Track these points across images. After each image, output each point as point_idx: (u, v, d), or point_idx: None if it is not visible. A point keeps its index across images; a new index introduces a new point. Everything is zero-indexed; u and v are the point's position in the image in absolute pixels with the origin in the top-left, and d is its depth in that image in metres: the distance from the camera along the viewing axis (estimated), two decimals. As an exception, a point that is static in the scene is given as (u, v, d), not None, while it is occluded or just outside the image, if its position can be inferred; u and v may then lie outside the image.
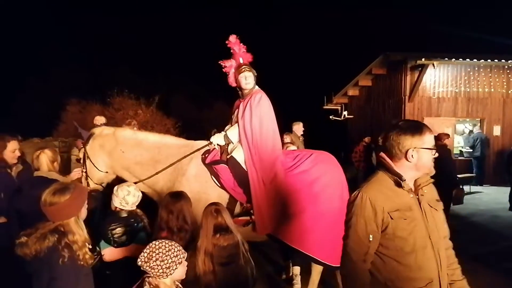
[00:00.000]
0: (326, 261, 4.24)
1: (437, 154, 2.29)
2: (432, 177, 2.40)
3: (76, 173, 4.61)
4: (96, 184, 4.49)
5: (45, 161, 4.00)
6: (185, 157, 4.39)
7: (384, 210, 2.20)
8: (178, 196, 3.44)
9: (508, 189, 9.90)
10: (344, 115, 18.81)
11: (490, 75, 13.78)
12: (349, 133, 19.25)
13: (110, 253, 3.50)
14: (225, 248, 2.96)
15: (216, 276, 2.89)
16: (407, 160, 2.24)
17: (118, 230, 3.51)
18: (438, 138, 8.46)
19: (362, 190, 2.28)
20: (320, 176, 4.29)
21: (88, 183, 4.45)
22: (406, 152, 2.23)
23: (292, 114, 10.96)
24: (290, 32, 38.60)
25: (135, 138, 4.51)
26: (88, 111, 16.14)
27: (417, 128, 2.26)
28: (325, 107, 19.87)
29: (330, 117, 19.70)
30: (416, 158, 2.23)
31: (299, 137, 8.87)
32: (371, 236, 2.22)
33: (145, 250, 2.51)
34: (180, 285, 2.66)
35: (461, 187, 9.14)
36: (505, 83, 13.81)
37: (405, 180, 2.25)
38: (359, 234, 2.23)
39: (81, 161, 4.55)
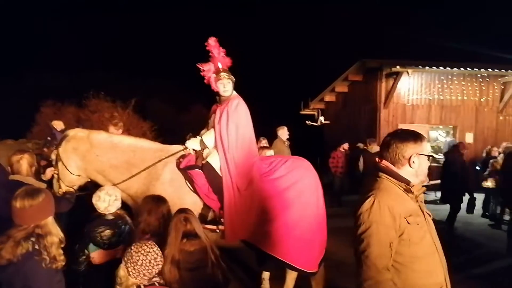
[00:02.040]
0: (301, 266, 4.26)
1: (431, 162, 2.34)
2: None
3: (50, 171, 4.55)
4: (68, 186, 4.42)
5: (26, 166, 3.95)
6: (159, 161, 4.35)
7: (401, 215, 2.20)
8: (161, 200, 3.47)
9: (480, 195, 10.05)
10: (321, 120, 18.96)
11: (463, 83, 14.12)
12: (325, 138, 19.42)
13: (99, 255, 3.52)
14: (192, 253, 2.93)
15: (183, 282, 2.85)
16: (410, 166, 2.31)
17: (107, 232, 3.53)
18: (459, 147, 8.71)
19: (376, 197, 2.22)
20: (296, 182, 4.32)
21: (59, 185, 4.38)
22: (409, 158, 2.30)
23: (269, 119, 11.01)
24: (268, 35, 38.81)
25: (110, 141, 4.45)
26: (63, 113, 15.91)
27: (416, 135, 2.35)
28: (301, 112, 20.02)
29: (307, 122, 19.83)
30: (417, 164, 2.31)
31: (284, 141, 8.80)
32: (391, 243, 2.18)
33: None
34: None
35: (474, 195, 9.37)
36: (477, 91, 14.18)
37: (413, 185, 2.32)
38: (382, 242, 2.17)
39: (53, 162, 4.49)
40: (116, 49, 32.75)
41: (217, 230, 4.24)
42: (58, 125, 6.72)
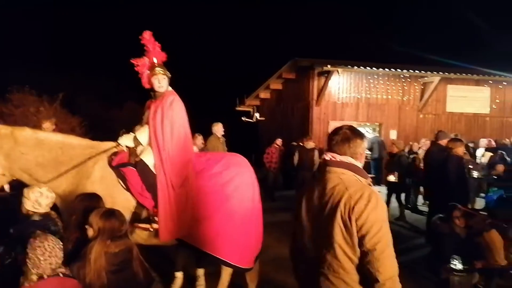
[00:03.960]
0: (236, 263, 4.32)
1: None
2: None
3: None
4: None
5: None
6: (89, 158, 4.21)
7: None
8: (97, 197, 3.44)
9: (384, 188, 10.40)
10: (256, 117, 19.18)
11: (387, 83, 14.90)
12: (260, 134, 19.66)
13: None
14: (116, 254, 2.84)
15: (106, 284, 2.76)
16: (361, 161, 2.42)
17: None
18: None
19: (375, 196, 2.20)
20: (232, 179, 4.36)
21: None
22: (362, 154, 2.42)
23: (204, 115, 10.96)
24: (204, 31, 38.57)
25: (35, 137, 4.22)
26: (-17, 108, 14.82)
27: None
28: (237, 108, 20.13)
29: (242, 118, 19.97)
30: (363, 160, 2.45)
31: (219, 138, 8.79)
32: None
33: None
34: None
35: None
36: (400, 91, 15.02)
37: (371, 180, 2.45)
38: (391, 240, 2.22)
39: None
40: (44, 41, 30.95)
41: (151, 229, 4.18)
42: None
